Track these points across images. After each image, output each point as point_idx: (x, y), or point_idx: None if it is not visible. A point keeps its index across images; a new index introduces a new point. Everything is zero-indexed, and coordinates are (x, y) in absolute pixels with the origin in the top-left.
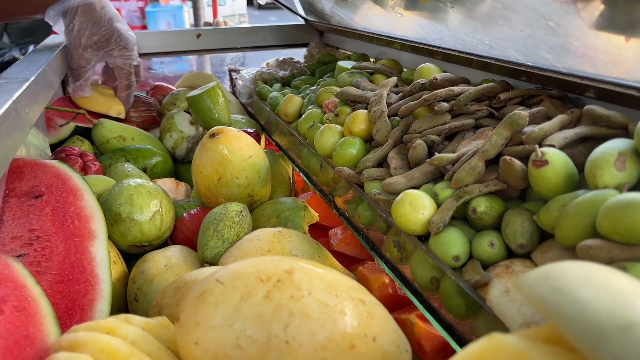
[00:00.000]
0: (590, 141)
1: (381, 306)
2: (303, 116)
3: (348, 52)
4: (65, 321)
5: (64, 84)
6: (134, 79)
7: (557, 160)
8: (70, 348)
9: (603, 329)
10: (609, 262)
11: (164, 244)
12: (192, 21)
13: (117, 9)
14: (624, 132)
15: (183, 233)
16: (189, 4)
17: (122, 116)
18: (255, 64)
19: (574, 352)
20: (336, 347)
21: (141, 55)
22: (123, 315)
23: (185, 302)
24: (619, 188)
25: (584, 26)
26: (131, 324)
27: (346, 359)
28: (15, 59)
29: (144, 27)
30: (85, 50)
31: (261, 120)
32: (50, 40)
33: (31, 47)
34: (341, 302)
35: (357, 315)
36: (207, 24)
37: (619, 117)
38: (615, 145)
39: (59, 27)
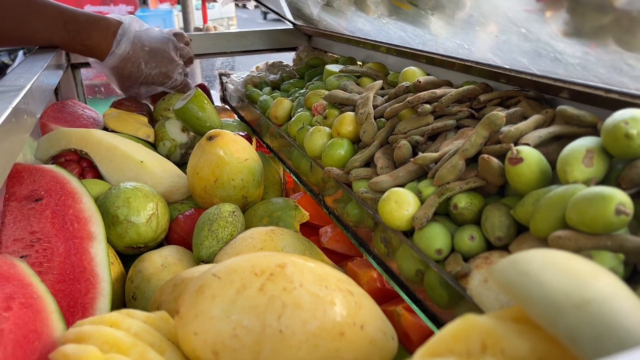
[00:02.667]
0: (563, 139)
1: (368, 297)
2: (293, 119)
3: (336, 56)
4: (68, 318)
5: (56, 90)
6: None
7: (531, 157)
8: (76, 340)
9: (561, 306)
10: (577, 250)
11: (160, 245)
12: (182, 25)
13: (106, 14)
14: (594, 130)
15: (178, 234)
16: (179, 7)
17: (151, 139)
18: (245, 68)
19: (538, 329)
20: (327, 335)
21: None
22: (125, 310)
23: (185, 296)
24: (587, 183)
25: (552, 33)
26: (133, 318)
27: (336, 346)
28: (4, 65)
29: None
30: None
31: (252, 123)
32: (40, 50)
33: (20, 53)
34: (331, 293)
35: (346, 305)
36: (197, 29)
37: (589, 116)
38: (584, 143)
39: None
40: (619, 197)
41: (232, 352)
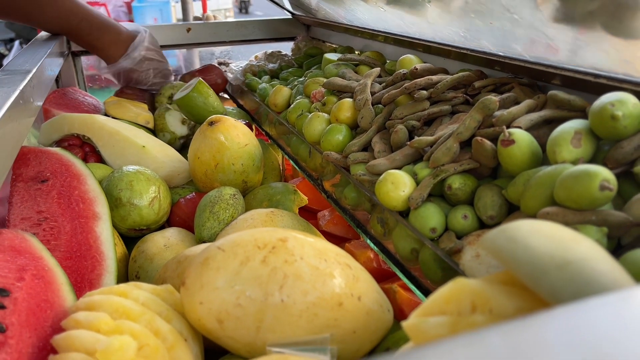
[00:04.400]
0: (554, 123)
1: (365, 271)
2: (292, 106)
3: (334, 45)
4: (76, 293)
5: (57, 78)
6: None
7: (522, 139)
8: (87, 309)
9: (545, 266)
10: (564, 225)
11: (161, 227)
12: (179, 16)
13: (103, 4)
14: (583, 114)
15: (179, 217)
16: None
17: (151, 126)
18: (243, 57)
19: (523, 290)
20: (325, 304)
21: None
22: (132, 283)
23: (190, 268)
24: (575, 162)
25: (543, 19)
26: (141, 289)
27: (334, 315)
28: (1, 55)
29: (131, 22)
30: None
31: (251, 111)
32: (44, 35)
33: (16, 43)
34: (330, 266)
35: (344, 277)
36: (196, 18)
37: (578, 100)
38: (572, 125)
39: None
40: (604, 173)
41: (235, 320)
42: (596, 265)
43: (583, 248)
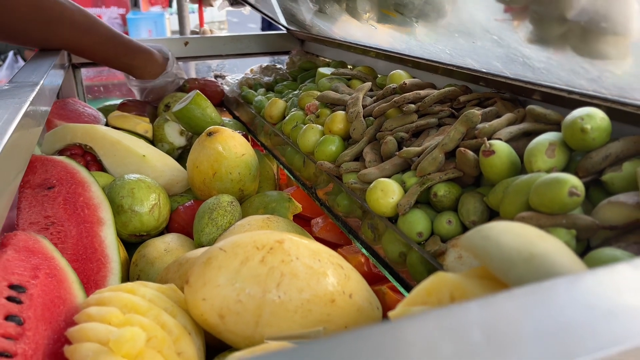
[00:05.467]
0: (532, 135)
1: (356, 271)
2: (287, 117)
3: (327, 60)
4: None
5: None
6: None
7: (502, 150)
8: (98, 304)
9: (513, 260)
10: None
11: (161, 234)
12: (173, 28)
13: (99, 15)
14: (558, 127)
15: (178, 223)
16: (170, 11)
17: (149, 135)
18: (239, 70)
19: (496, 282)
20: (319, 301)
21: None
22: (139, 282)
23: (194, 267)
24: (550, 171)
25: (519, 40)
26: (147, 287)
27: (327, 311)
28: None
29: (125, 34)
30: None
31: (247, 122)
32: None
33: (10, 54)
34: (323, 266)
35: (336, 276)
36: (193, 32)
37: (554, 114)
38: (547, 137)
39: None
40: (572, 181)
41: (236, 315)
42: (558, 259)
43: (547, 244)
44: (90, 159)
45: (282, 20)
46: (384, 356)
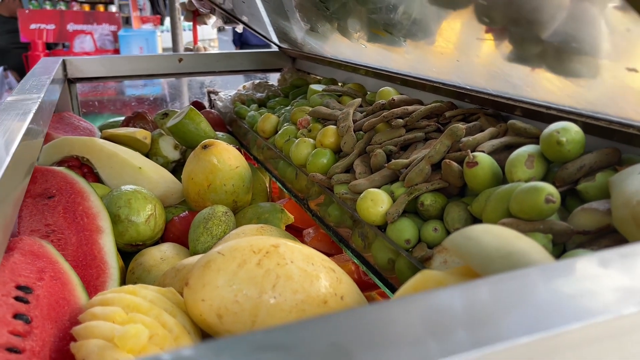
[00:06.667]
0: (513, 148)
1: (347, 275)
2: (279, 132)
3: (318, 77)
4: None
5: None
6: None
7: (485, 162)
8: (102, 304)
9: (492, 257)
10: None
11: (156, 243)
12: (165, 45)
13: (90, 33)
14: (537, 140)
15: (173, 233)
16: (161, 28)
17: (148, 142)
18: (232, 87)
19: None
20: (312, 302)
21: (128, 77)
22: (140, 285)
23: (193, 270)
24: (529, 181)
25: (500, 58)
26: (148, 289)
27: (320, 311)
28: None
29: (117, 51)
30: None
31: (239, 137)
32: (43, 63)
33: (0, 69)
34: (316, 269)
35: (328, 279)
36: (187, 49)
37: (533, 129)
38: (527, 150)
39: None
40: (549, 189)
41: (233, 315)
42: (532, 256)
43: (523, 243)
44: (87, 171)
45: (275, 39)
46: (373, 332)
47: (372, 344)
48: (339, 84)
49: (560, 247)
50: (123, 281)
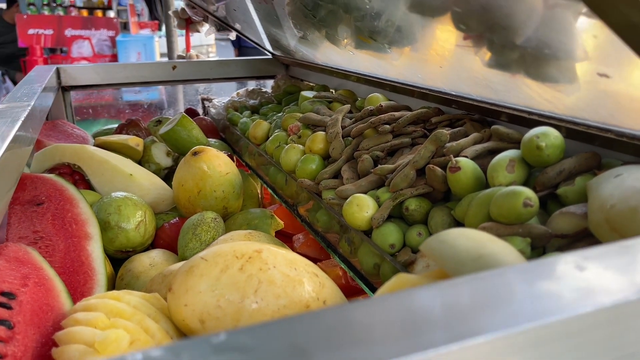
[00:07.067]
0: (497, 153)
1: (331, 280)
2: (270, 138)
3: (311, 84)
4: None
5: None
6: None
7: (467, 167)
8: (85, 310)
9: (463, 260)
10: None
11: (146, 250)
12: (163, 50)
13: (88, 38)
14: (519, 145)
15: (164, 240)
16: (159, 33)
17: (141, 149)
18: (225, 94)
19: None
20: (295, 307)
21: (122, 85)
22: (124, 290)
23: (177, 275)
24: (509, 186)
25: (480, 64)
26: (132, 295)
27: None
28: None
29: (114, 56)
30: None
31: (232, 143)
32: (36, 72)
33: None
34: (299, 274)
35: (311, 283)
36: (180, 57)
37: (515, 133)
38: (508, 154)
39: None
40: (527, 193)
41: (216, 320)
42: (503, 258)
43: (495, 246)
44: (79, 178)
45: (268, 46)
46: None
47: (332, 345)
48: (331, 90)
49: (540, 251)
50: (112, 287)
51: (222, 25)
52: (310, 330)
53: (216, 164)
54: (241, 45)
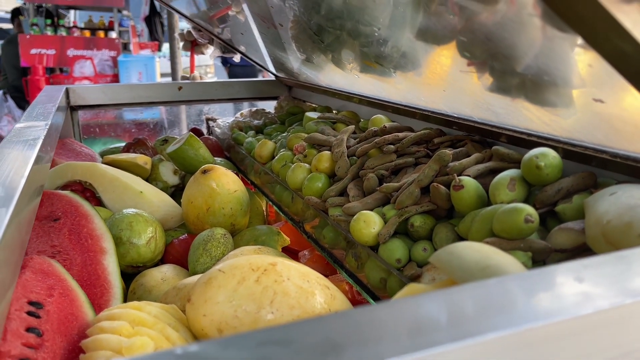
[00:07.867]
0: (498, 172)
1: (341, 292)
2: (276, 157)
3: (314, 105)
4: None
5: None
6: None
7: (470, 185)
8: (109, 319)
9: (471, 270)
10: None
11: (156, 265)
12: (163, 71)
13: (90, 58)
14: (519, 165)
15: (173, 255)
16: (159, 54)
17: (149, 167)
18: (229, 114)
19: None
20: (308, 317)
21: (129, 105)
22: (144, 301)
23: (195, 287)
24: (511, 203)
25: (482, 88)
26: (152, 306)
27: None
28: None
29: (116, 76)
30: None
31: (237, 162)
32: (47, 92)
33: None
34: (312, 286)
35: (323, 295)
36: (183, 77)
37: (515, 154)
38: (509, 174)
39: None
40: (528, 209)
41: (233, 330)
42: (508, 268)
43: (500, 257)
44: (90, 195)
45: (272, 68)
46: (363, 331)
47: (361, 340)
48: (334, 111)
49: (541, 265)
50: (125, 301)
51: (227, 48)
52: (341, 327)
53: (225, 182)
54: (230, 64)
